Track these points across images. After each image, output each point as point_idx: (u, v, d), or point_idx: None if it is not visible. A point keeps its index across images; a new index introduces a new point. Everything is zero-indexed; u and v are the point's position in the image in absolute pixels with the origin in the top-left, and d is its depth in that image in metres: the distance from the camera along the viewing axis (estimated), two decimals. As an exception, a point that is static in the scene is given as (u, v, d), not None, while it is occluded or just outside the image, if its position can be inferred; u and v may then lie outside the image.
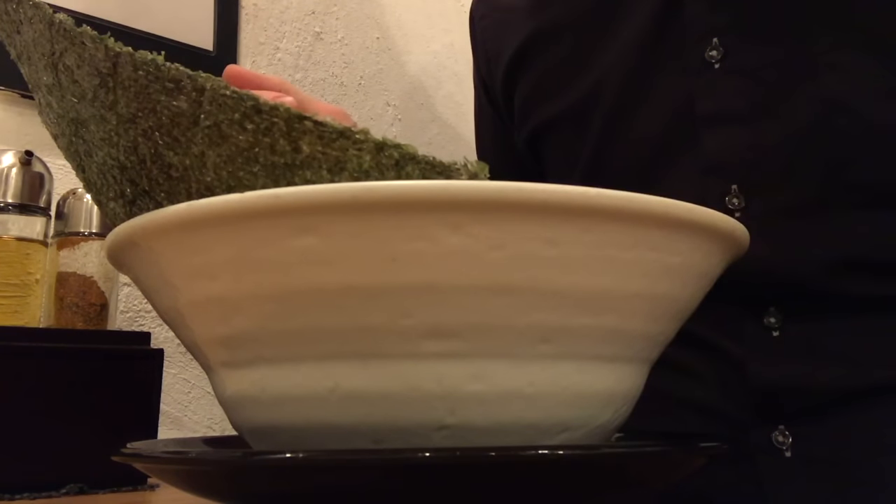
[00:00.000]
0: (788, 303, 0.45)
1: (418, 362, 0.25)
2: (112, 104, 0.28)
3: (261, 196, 0.23)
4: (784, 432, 0.45)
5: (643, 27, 0.51)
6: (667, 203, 0.25)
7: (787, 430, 0.45)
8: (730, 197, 0.47)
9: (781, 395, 0.45)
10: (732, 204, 0.47)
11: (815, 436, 0.45)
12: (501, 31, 0.63)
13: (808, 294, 0.45)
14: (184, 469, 0.26)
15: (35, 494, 0.56)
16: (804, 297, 0.45)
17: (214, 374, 0.29)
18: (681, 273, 0.27)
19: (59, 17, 0.30)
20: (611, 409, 0.28)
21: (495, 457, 0.22)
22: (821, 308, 0.45)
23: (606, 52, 0.54)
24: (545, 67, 0.58)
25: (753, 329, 0.46)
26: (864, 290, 0.44)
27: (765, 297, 0.46)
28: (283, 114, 0.26)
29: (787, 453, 0.45)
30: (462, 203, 0.23)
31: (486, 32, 0.66)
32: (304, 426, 0.26)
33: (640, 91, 0.51)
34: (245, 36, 1.00)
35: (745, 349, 0.46)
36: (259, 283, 0.25)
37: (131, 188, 0.30)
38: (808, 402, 0.44)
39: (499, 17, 0.64)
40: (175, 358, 0.89)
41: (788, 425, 0.45)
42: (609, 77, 0.53)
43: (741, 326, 0.46)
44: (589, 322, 0.25)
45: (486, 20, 0.66)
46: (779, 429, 0.45)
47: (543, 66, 0.59)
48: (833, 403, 0.44)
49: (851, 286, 0.44)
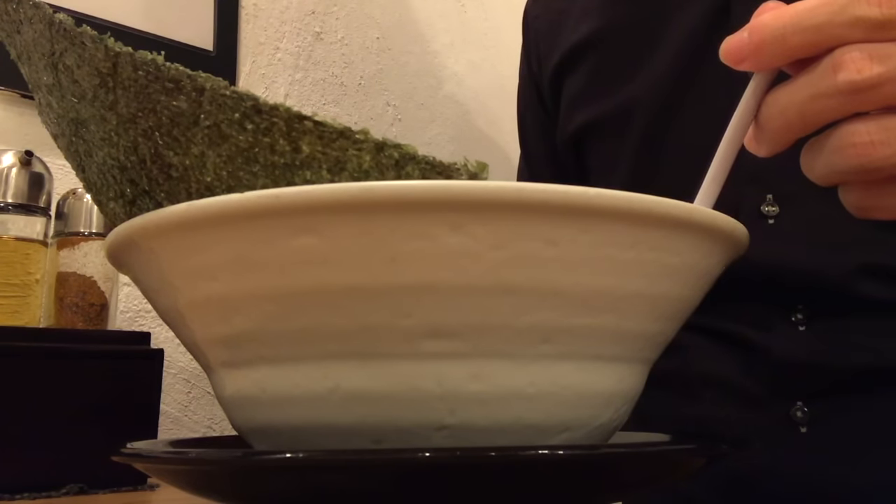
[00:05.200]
0: (816, 303, 0.47)
1: (418, 362, 0.25)
2: (112, 104, 0.28)
3: (261, 196, 0.23)
4: (802, 409, 0.47)
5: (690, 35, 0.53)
6: (667, 203, 0.25)
7: (806, 406, 0.46)
8: (765, 205, 0.49)
9: (802, 372, 0.46)
10: (767, 212, 0.49)
11: (832, 414, 0.46)
12: (555, 31, 0.65)
13: (834, 295, 0.47)
14: (184, 469, 0.26)
15: (35, 494, 0.56)
16: (831, 298, 0.47)
17: (214, 374, 0.29)
18: (681, 273, 0.27)
19: (59, 17, 0.30)
20: (611, 409, 0.28)
21: (495, 457, 0.22)
22: (846, 308, 0.47)
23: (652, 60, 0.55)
24: (591, 70, 0.60)
25: (780, 325, 0.48)
26: (887, 293, 0.46)
27: (793, 298, 0.48)
28: (283, 114, 0.26)
29: (803, 429, 0.46)
30: (462, 203, 0.23)
31: (540, 33, 0.68)
32: (304, 426, 0.26)
33: (686, 98, 0.53)
34: (245, 36, 1.00)
35: (770, 338, 0.48)
36: (259, 283, 0.25)
37: (131, 188, 0.30)
38: (828, 381, 0.46)
39: (553, 19, 0.66)
40: (175, 358, 0.89)
41: (807, 402, 0.47)
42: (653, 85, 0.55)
43: (769, 322, 0.48)
44: (589, 322, 0.25)
45: (540, 20, 0.68)
46: (797, 405, 0.47)
47: (589, 69, 0.60)
48: (853, 384, 0.46)
49: (875, 289, 0.46)
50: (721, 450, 0.27)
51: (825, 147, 0.28)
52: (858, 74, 0.27)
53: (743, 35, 0.29)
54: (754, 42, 0.29)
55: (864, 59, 0.27)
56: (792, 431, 0.47)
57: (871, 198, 0.28)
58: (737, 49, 0.29)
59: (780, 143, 0.29)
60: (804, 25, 0.28)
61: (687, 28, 0.53)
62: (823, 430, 0.46)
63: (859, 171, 0.28)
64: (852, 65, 0.27)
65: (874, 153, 0.27)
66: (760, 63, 0.29)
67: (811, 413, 0.47)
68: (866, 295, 0.46)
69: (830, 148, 0.28)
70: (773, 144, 0.30)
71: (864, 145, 0.27)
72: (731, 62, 0.30)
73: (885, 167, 0.27)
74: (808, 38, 0.28)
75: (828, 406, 0.47)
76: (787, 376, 0.47)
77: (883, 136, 0.27)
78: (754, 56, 0.29)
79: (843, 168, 0.28)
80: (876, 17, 0.27)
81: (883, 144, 0.27)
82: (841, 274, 0.47)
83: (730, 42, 0.30)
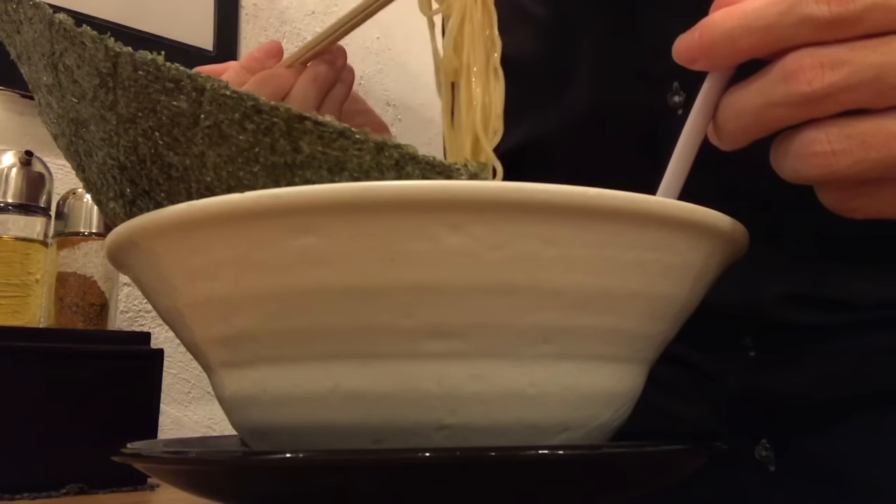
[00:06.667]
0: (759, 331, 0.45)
1: (418, 362, 0.25)
2: (112, 104, 0.28)
3: (261, 196, 0.23)
4: (766, 446, 0.44)
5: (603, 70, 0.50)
6: (667, 203, 0.25)
7: (769, 443, 0.44)
8: None
9: (761, 406, 0.45)
10: None
11: (798, 449, 0.44)
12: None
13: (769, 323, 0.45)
14: (184, 469, 0.26)
15: (35, 494, 0.56)
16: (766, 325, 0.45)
17: (214, 374, 0.29)
18: (681, 273, 0.27)
19: (59, 17, 0.30)
20: (611, 409, 0.28)
21: (495, 457, 0.22)
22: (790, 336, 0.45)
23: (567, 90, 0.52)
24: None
25: (730, 349, 0.46)
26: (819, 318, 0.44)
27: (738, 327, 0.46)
28: (284, 114, 0.26)
29: (771, 467, 0.44)
30: (462, 203, 0.23)
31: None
32: (304, 426, 0.26)
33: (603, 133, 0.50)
34: (245, 36, 1.00)
35: (723, 364, 0.46)
36: (259, 283, 0.25)
37: (131, 188, 0.30)
38: (789, 414, 0.44)
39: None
40: (175, 358, 0.90)
41: (771, 439, 0.45)
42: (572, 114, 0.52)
43: (718, 347, 0.46)
44: (589, 322, 0.25)
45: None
46: (761, 443, 0.45)
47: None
48: (815, 415, 0.44)
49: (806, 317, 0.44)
50: (721, 449, 0.27)
51: (789, 151, 0.27)
52: (809, 86, 0.26)
53: (694, 35, 0.28)
54: (705, 43, 0.28)
55: (815, 67, 0.26)
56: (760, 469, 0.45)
57: (846, 199, 0.28)
58: (687, 49, 0.28)
59: (739, 143, 0.29)
60: (752, 27, 0.27)
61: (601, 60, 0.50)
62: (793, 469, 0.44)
63: (822, 179, 0.27)
64: (802, 75, 0.26)
65: (835, 163, 0.26)
66: (712, 64, 0.28)
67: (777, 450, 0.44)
68: (801, 324, 0.44)
69: (793, 153, 0.27)
70: (733, 144, 0.29)
71: (824, 155, 0.26)
72: (683, 62, 0.29)
73: (849, 175, 0.26)
74: (757, 39, 0.27)
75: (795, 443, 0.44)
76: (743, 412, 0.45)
77: (844, 144, 0.26)
78: (705, 58, 0.28)
79: (806, 175, 0.27)
80: (824, 15, 0.26)
81: (844, 153, 0.26)
82: (769, 303, 0.44)
83: (681, 41, 0.29)
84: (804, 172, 0.27)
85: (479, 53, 0.39)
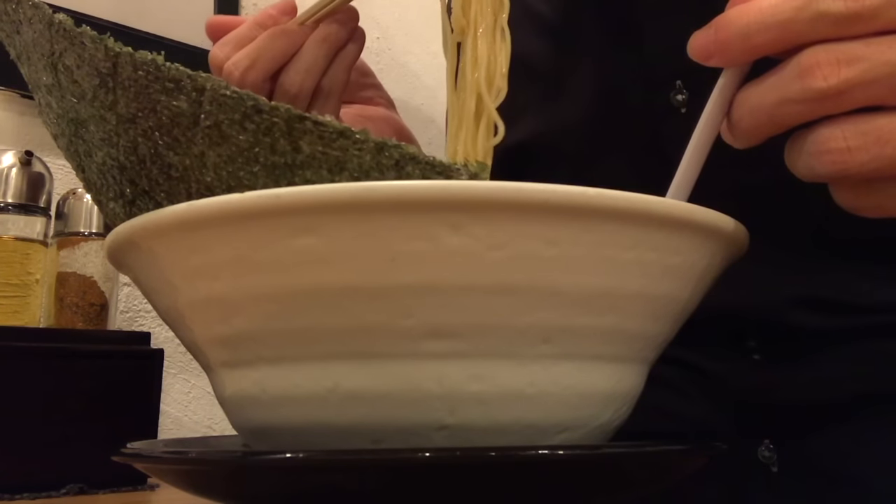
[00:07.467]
0: (763, 334, 0.45)
1: (418, 362, 0.25)
2: (112, 104, 0.29)
3: (261, 196, 0.23)
4: (769, 447, 0.44)
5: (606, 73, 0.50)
6: (667, 203, 0.25)
7: (773, 444, 0.44)
8: None
9: (763, 408, 0.45)
10: None
11: (801, 450, 0.44)
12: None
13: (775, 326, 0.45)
14: (184, 469, 0.26)
15: (35, 494, 0.56)
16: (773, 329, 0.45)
17: (214, 374, 0.29)
18: (681, 273, 0.27)
19: (58, 17, 0.30)
20: (611, 409, 0.28)
21: (495, 457, 0.22)
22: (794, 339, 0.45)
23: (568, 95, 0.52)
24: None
25: (735, 353, 0.46)
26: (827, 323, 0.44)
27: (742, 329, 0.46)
28: (284, 114, 0.26)
29: (774, 468, 0.44)
30: (462, 203, 0.23)
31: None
32: (304, 426, 0.26)
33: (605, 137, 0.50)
34: (245, 36, 1.00)
35: (727, 367, 0.46)
36: (259, 283, 0.25)
37: (131, 188, 0.30)
38: (791, 415, 0.44)
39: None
40: (175, 358, 0.90)
41: (773, 440, 0.45)
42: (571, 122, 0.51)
43: (722, 350, 0.46)
44: (589, 322, 0.25)
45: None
46: (764, 443, 0.45)
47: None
48: (817, 417, 0.44)
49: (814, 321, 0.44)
50: (721, 449, 0.27)
51: (803, 149, 0.27)
52: (825, 81, 0.25)
53: (710, 31, 0.28)
54: (720, 39, 0.28)
55: (831, 63, 0.25)
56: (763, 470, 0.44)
57: (861, 197, 0.27)
58: (702, 46, 0.28)
59: (753, 140, 0.28)
60: (768, 23, 0.27)
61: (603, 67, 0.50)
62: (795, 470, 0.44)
63: (837, 176, 0.27)
64: (818, 71, 0.26)
65: (851, 160, 0.26)
66: (728, 60, 0.28)
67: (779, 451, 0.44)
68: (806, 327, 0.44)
69: (808, 151, 0.27)
70: (747, 141, 0.29)
71: (840, 151, 0.26)
72: (698, 59, 0.29)
73: (864, 172, 0.26)
74: (773, 35, 0.27)
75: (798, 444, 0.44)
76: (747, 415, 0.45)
77: (860, 140, 0.26)
78: (720, 54, 0.28)
79: (821, 173, 0.27)
80: (840, 11, 0.25)
81: (860, 150, 0.26)
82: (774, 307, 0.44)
83: (696, 38, 0.29)
84: (819, 170, 0.27)
85: (486, 13, 0.39)
